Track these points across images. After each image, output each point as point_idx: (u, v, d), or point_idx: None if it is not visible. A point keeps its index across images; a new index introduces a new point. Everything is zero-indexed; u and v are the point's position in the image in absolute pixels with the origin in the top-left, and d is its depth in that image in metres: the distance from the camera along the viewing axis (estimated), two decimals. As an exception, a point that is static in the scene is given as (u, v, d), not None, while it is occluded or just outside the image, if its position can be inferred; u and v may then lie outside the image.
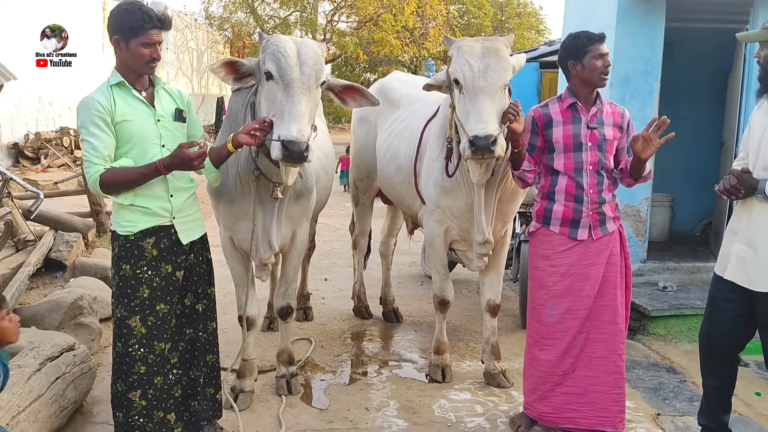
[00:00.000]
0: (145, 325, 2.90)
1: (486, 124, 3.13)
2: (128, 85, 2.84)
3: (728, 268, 3.06)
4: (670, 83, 5.81)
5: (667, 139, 3.13)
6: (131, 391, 2.92)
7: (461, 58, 3.29)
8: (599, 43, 3.24)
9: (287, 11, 25.54)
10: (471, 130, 3.15)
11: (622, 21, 5.31)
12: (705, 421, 3.29)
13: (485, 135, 3.09)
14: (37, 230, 5.94)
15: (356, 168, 5.20)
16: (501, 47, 3.32)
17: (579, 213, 3.31)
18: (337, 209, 9.92)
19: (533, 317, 3.49)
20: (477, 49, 3.29)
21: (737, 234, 3.05)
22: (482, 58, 3.25)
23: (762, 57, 3.02)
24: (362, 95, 3.43)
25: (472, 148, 3.12)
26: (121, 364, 2.93)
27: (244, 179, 3.39)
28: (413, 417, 3.68)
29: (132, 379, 2.92)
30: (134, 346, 2.90)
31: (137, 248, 2.87)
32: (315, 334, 4.89)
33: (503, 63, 3.27)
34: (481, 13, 29.34)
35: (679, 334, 4.93)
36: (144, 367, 2.91)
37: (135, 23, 2.75)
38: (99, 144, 2.74)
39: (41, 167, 13.02)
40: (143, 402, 2.93)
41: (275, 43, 3.04)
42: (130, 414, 2.94)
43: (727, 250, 3.10)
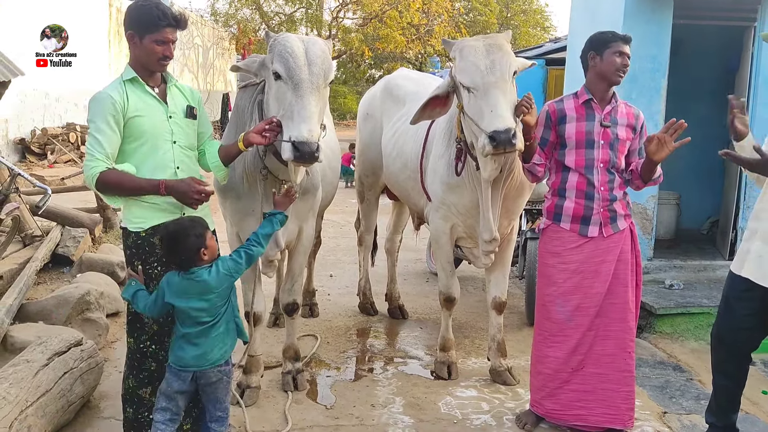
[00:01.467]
0: (157, 322, 2.91)
1: (503, 118, 3.11)
2: (141, 80, 2.85)
3: (745, 266, 3.06)
4: (677, 81, 5.79)
5: (682, 143, 3.12)
6: (141, 388, 2.94)
7: (466, 59, 3.28)
8: (623, 42, 3.26)
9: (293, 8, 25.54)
10: (489, 126, 3.12)
11: (629, 18, 5.30)
12: (713, 419, 3.28)
13: (505, 128, 3.07)
14: (44, 226, 5.96)
15: (362, 164, 5.20)
16: (502, 42, 3.33)
17: (590, 210, 3.30)
18: (342, 206, 9.93)
19: (542, 314, 3.48)
20: (480, 48, 3.29)
21: (757, 232, 3.05)
22: (487, 55, 3.25)
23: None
24: None
25: (493, 143, 3.08)
26: (133, 360, 2.95)
27: (251, 177, 3.40)
28: (419, 414, 3.68)
29: (143, 376, 2.93)
30: (146, 343, 2.92)
31: (148, 245, 2.88)
32: (321, 330, 4.90)
33: (507, 56, 3.28)
34: (486, 10, 29.24)
35: (686, 333, 4.92)
36: (155, 364, 2.93)
37: (150, 20, 2.76)
38: (105, 141, 2.74)
39: (47, 163, 13.07)
40: (153, 399, 2.94)
41: (283, 44, 3.04)
42: (139, 410, 2.95)
43: (745, 247, 3.10)
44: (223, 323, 2.81)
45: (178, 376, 2.77)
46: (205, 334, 2.76)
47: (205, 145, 3.14)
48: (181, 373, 2.77)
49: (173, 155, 2.90)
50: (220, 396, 2.86)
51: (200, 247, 2.72)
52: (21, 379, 3.05)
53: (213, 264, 2.77)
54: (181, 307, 2.73)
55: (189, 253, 2.71)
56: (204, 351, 2.76)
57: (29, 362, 3.22)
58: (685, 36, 5.97)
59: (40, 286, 5.20)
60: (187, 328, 2.76)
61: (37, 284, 5.18)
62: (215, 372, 2.81)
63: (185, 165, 2.96)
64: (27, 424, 2.89)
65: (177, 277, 2.75)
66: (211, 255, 2.77)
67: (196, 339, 2.76)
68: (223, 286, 2.77)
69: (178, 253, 2.72)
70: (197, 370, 2.77)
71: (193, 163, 3.05)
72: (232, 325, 2.87)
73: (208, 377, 2.80)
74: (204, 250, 2.73)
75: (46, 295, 4.71)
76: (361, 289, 5.42)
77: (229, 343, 2.87)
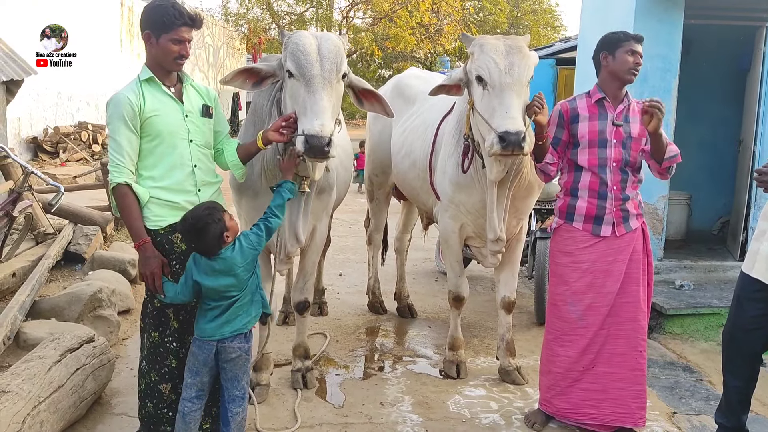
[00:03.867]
0: (177, 319, 2.96)
1: (515, 120, 3.13)
2: (157, 80, 2.89)
3: (756, 266, 3.05)
4: (688, 81, 5.77)
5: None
6: (162, 383, 2.98)
7: (486, 56, 3.28)
8: (635, 41, 3.26)
9: (303, 7, 25.57)
10: (500, 126, 3.13)
11: (641, 18, 5.28)
12: (723, 420, 3.27)
13: (516, 131, 3.08)
14: (56, 223, 6.01)
15: (371, 163, 5.21)
16: (523, 45, 3.34)
17: (602, 210, 3.31)
18: (352, 205, 9.94)
19: (554, 313, 3.49)
20: (500, 47, 3.29)
21: (766, 232, 3.04)
22: (507, 56, 3.26)
23: None
24: (380, 102, 3.45)
25: (502, 143, 3.10)
26: (156, 354, 2.99)
27: (270, 174, 3.41)
28: (428, 412, 3.69)
29: (164, 371, 2.98)
30: (168, 338, 2.97)
31: (167, 242, 2.91)
32: (330, 328, 4.92)
33: (527, 60, 3.28)
34: (496, 10, 29.17)
35: (696, 333, 4.91)
36: (176, 361, 2.97)
37: (166, 19, 2.81)
38: (125, 144, 2.81)
39: (60, 161, 13.16)
40: (173, 395, 2.98)
41: (295, 42, 3.07)
42: (159, 405, 3.00)
43: (755, 247, 3.09)
44: (248, 294, 2.92)
45: (202, 348, 2.86)
46: (231, 305, 2.87)
47: (222, 143, 3.17)
48: (204, 345, 2.86)
49: (190, 154, 2.94)
50: (239, 374, 2.93)
51: (222, 232, 2.80)
52: (34, 375, 3.08)
53: (236, 240, 2.87)
54: (210, 285, 2.81)
55: (213, 241, 2.79)
56: (227, 319, 2.85)
57: (42, 358, 3.25)
58: (696, 36, 5.95)
59: (52, 284, 5.24)
60: (215, 302, 2.85)
61: (49, 281, 5.23)
62: (235, 347, 2.88)
63: (202, 163, 3.00)
64: (40, 420, 2.93)
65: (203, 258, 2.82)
66: (233, 235, 2.86)
67: (222, 311, 2.85)
68: (248, 260, 2.88)
69: (203, 242, 2.79)
70: (220, 339, 2.85)
71: (210, 162, 3.08)
72: (257, 297, 2.98)
73: (228, 353, 2.87)
74: (226, 233, 2.81)
75: (59, 293, 4.76)
76: (371, 287, 5.44)
77: (253, 313, 2.96)
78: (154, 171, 2.89)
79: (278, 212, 3.02)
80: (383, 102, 3.45)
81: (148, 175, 2.90)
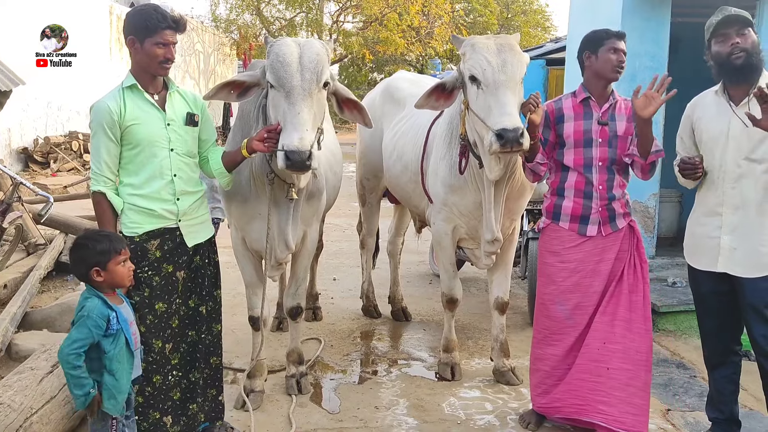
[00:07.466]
0: (143, 324, 2.93)
1: (512, 116, 3.13)
2: (140, 88, 2.88)
3: (720, 261, 3.07)
4: (676, 79, 5.76)
5: (669, 97, 3.14)
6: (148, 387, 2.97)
7: (478, 54, 3.29)
8: (617, 39, 3.27)
9: (293, 12, 25.57)
10: (497, 124, 3.12)
11: (628, 16, 5.31)
12: (715, 413, 3.29)
13: (514, 127, 3.08)
14: (47, 234, 5.99)
15: (363, 167, 5.21)
16: (514, 42, 3.36)
17: (588, 209, 3.31)
18: (345, 209, 9.93)
19: (542, 312, 3.49)
20: (492, 46, 3.30)
21: (721, 227, 3.06)
22: (499, 54, 3.26)
23: None
24: (360, 113, 3.46)
25: (500, 141, 3.09)
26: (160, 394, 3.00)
27: (259, 180, 3.41)
28: (423, 415, 3.69)
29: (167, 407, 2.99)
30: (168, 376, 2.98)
31: (141, 249, 2.90)
32: (324, 333, 4.91)
33: (519, 57, 3.29)
34: (486, 11, 29.26)
35: (689, 330, 4.91)
36: (143, 365, 2.94)
37: (150, 23, 2.80)
38: (104, 152, 2.84)
39: (50, 171, 13.10)
40: (140, 399, 2.97)
41: (275, 51, 3.05)
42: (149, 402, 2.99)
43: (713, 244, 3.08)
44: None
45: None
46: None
47: (208, 151, 3.16)
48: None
49: (170, 163, 2.93)
50: None
51: (93, 264, 2.54)
52: (26, 386, 3.07)
53: (97, 296, 2.54)
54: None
55: (78, 264, 2.58)
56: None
57: (34, 370, 3.24)
58: (685, 34, 5.97)
59: (44, 294, 5.23)
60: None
61: (41, 292, 5.21)
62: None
63: (183, 172, 2.98)
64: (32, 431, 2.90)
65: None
66: (110, 281, 2.57)
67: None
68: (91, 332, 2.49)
69: (71, 259, 2.63)
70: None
71: (192, 171, 3.06)
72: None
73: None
74: (98, 271, 2.54)
75: (50, 303, 4.74)
76: (364, 292, 5.43)
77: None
78: (134, 178, 2.89)
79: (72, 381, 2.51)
80: (364, 113, 3.46)
81: (129, 182, 2.91)
